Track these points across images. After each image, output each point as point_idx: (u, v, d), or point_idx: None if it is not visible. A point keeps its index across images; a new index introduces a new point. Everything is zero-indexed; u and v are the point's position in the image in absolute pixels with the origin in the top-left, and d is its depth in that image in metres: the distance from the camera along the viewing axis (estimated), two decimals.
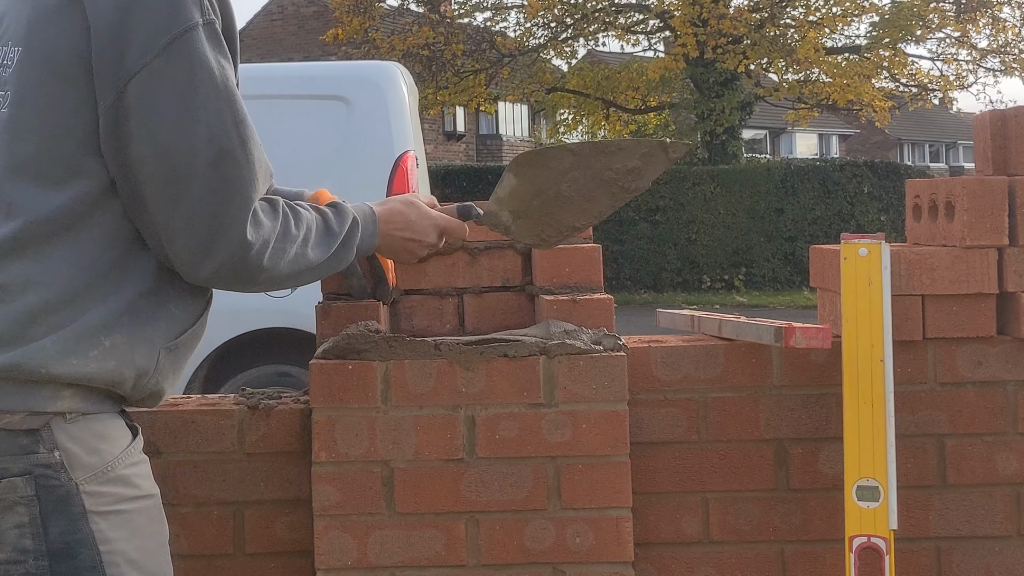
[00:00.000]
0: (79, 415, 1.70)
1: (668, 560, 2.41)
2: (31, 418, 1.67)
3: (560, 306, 2.31)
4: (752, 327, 2.36)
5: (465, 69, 23.11)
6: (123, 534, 1.72)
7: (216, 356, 6.21)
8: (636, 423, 2.36)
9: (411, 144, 6.61)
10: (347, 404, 2.24)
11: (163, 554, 1.82)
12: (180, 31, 1.67)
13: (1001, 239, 2.36)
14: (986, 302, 2.38)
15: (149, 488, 1.80)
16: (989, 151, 2.46)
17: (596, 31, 24.05)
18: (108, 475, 1.72)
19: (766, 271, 20.43)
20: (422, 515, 2.25)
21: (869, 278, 2.25)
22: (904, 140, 46.77)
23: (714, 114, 22.25)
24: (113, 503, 1.72)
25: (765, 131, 41.28)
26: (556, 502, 2.25)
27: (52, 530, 1.67)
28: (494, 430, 2.24)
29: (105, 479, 1.71)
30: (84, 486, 1.69)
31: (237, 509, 2.39)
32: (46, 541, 1.66)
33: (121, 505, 1.73)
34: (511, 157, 32.86)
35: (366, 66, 7.82)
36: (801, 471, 2.41)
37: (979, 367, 2.40)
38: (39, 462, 1.67)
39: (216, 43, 1.72)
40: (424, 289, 2.44)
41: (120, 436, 1.77)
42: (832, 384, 2.36)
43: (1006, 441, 2.41)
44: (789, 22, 22.73)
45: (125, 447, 1.76)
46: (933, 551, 2.41)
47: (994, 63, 24.13)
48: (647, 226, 20.23)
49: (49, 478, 1.67)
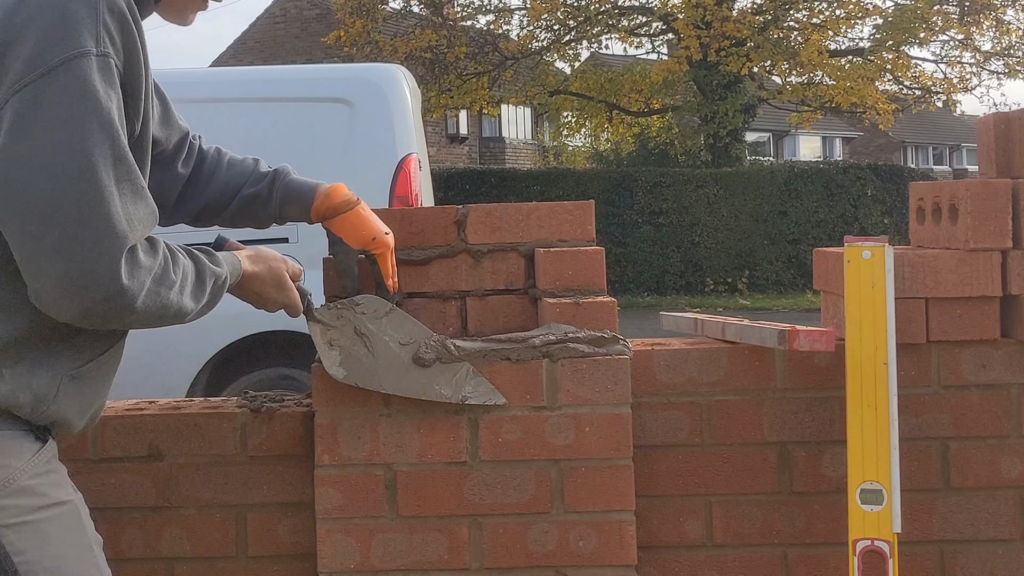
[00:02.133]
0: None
1: (671, 563, 2.41)
2: None
3: (563, 309, 2.31)
4: (755, 330, 2.36)
5: (468, 72, 23.11)
6: (35, 543, 1.70)
7: (218, 359, 6.22)
8: (639, 426, 2.36)
9: (414, 147, 6.60)
10: (350, 407, 2.24)
11: (86, 558, 1.79)
12: (71, 55, 1.61)
13: (1005, 242, 2.36)
14: (990, 305, 2.38)
15: (61, 495, 1.77)
16: (993, 154, 2.46)
17: (599, 34, 24.04)
18: (11, 488, 1.70)
19: (769, 274, 20.42)
20: (425, 518, 2.25)
21: (873, 281, 2.25)
22: (908, 143, 46.72)
23: (717, 117, 22.25)
24: (20, 515, 1.70)
25: (768, 134, 41.25)
26: (559, 505, 2.25)
27: None
28: (497, 433, 2.24)
29: (8, 492, 1.69)
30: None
31: (239, 512, 2.39)
32: None
33: (29, 516, 1.71)
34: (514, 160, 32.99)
35: (369, 68, 7.81)
36: (804, 474, 2.40)
37: (983, 370, 2.40)
38: None
39: (108, 77, 1.65)
40: (427, 292, 2.44)
41: (23, 448, 1.73)
42: (836, 387, 2.36)
43: (1010, 444, 2.40)
44: (792, 25, 22.73)
45: (28, 458, 1.73)
46: (937, 554, 2.41)
47: (998, 65, 24.15)
48: (650, 229, 20.22)
49: None
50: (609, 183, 20.54)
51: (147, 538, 2.39)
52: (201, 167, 2.19)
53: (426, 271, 2.43)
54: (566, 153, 33.30)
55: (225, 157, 2.22)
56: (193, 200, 2.18)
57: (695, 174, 20.93)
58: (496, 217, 2.42)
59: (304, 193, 2.19)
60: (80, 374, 1.78)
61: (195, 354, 6.11)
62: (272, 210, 2.19)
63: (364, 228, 2.21)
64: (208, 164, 2.19)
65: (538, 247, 2.41)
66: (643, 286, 19.99)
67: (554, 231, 2.41)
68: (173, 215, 2.19)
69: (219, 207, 2.19)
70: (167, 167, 2.13)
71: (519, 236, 2.42)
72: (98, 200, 1.61)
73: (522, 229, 2.42)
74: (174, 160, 2.15)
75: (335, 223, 2.21)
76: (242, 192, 2.18)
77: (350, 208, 2.18)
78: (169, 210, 2.17)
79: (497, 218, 2.42)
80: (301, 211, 2.19)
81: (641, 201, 20.28)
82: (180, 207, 2.19)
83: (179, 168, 2.15)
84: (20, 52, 1.62)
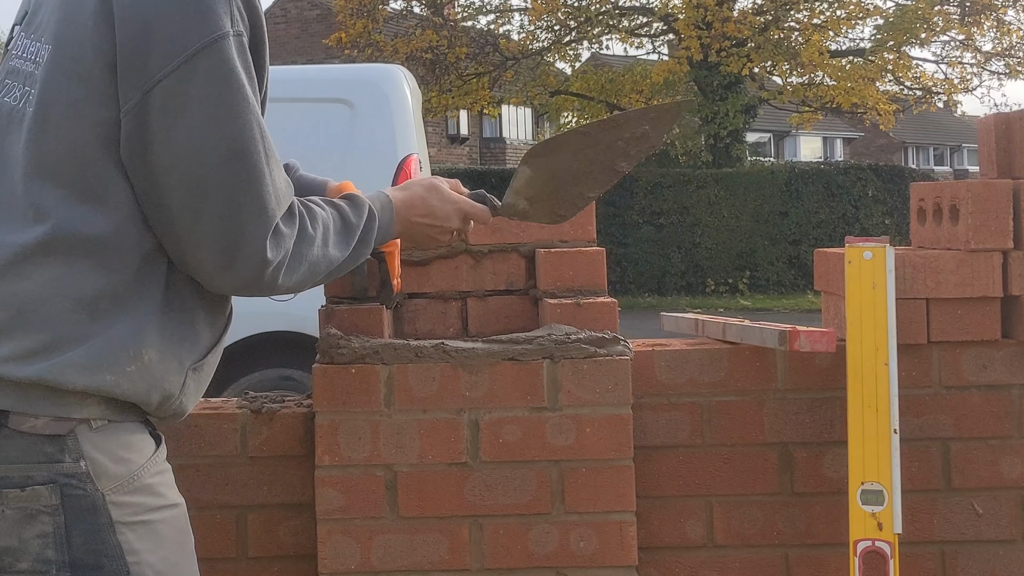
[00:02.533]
0: (105, 422, 1.66)
1: (672, 564, 2.40)
2: (55, 423, 1.63)
3: (564, 310, 2.30)
4: (756, 331, 2.35)
5: (468, 72, 23.12)
6: (150, 545, 1.68)
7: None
8: (640, 427, 2.35)
9: (414, 147, 6.61)
10: (350, 408, 2.24)
11: (189, 564, 1.78)
12: (210, 39, 1.63)
13: (1006, 242, 2.35)
14: (991, 306, 2.38)
15: (174, 497, 1.77)
16: (994, 154, 2.46)
17: (600, 34, 24.06)
18: (134, 485, 1.68)
19: (770, 274, 20.42)
20: (426, 519, 2.25)
21: (873, 281, 2.25)
22: (908, 143, 46.73)
23: (718, 117, 22.25)
24: (139, 513, 1.68)
25: (769, 134, 41.26)
26: (560, 506, 2.25)
27: (75, 540, 1.63)
28: (498, 434, 2.24)
29: (131, 489, 1.67)
30: (110, 496, 1.65)
31: (240, 513, 2.39)
32: (69, 552, 1.62)
33: (147, 515, 1.69)
34: (515, 160, 32.95)
35: (369, 69, 7.82)
36: (805, 475, 2.40)
37: (984, 371, 2.40)
38: (64, 471, 1.62)
39: (244, 56, 1.67)
40: (428, 292, 2.44)
41: (145, 445, 1.73)
42: (836, 388, 2.35)
43: (1011, 445, 2.40)
44: (793, 25, 22.73)
45: (150, 456, 1.72)
46: (938, 555, 2.41)
47: (999, 66, 24.15)
48: (651, 229, 20.23)
49: (74, 487, 1.62)
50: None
51: None
52: None
53: (427, 271, 2.43)
54: None
55: None
56: None
57: (696, 175, 20.93)
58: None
59: (315, 188, 2.18)
60: (201, 366, 1.78)
61: None
62: None
63: None
64: None
65: (539, 247, 2.41)
66: (644, 287, 19.99)
67: (555, 231, 2.41)
68: None
69: None
70: None
71: (520, 237, 2.42)
72: (252, 180, 1.65)
73: (523, 230, 2.42)
74: None
75: None
76: None
77: None
78: None
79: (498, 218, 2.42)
80: None
81: (642, 201, 20.29)
82: None
83: None
84: (160, 34, 1.62)
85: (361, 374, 2.23)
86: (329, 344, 2.25)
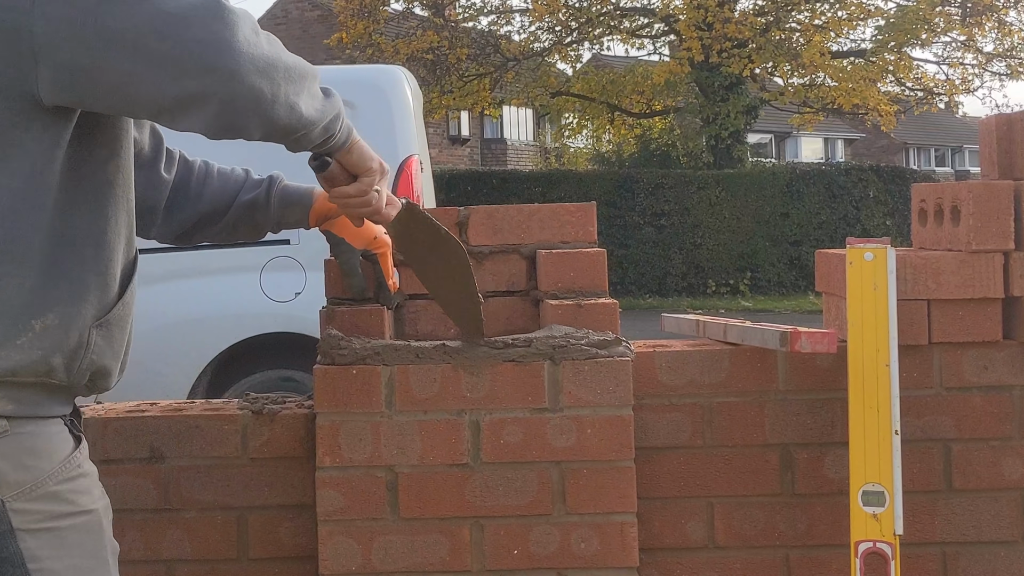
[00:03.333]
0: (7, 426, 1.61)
1: (673, 565, 2.40)
2: None
3: (565, 311, 2.31)
4: (757, 331, 2.35)
5: (469, 73, 23.12)
6: (54, 552, 1.65)
7: (220, 361, 6.21)
8: (641, 428, 2.35)
9: (415, 148, 6.60)
10: (351, 409, 2.24)
11: (102, 570, 1.74)
12: None
13: (1007, 243, 2.35)
14: (992, 306, 2.38)
15: (86, 503, 1.72)
16: (995, 155, 2.46)
17: (601, 35, 24.05)
18: (38, 492, 1.64)
19: (771, 275, 20.42)
20: (427, 520, 2.25)
21: (875, 282, 2.25)
22: (910, 144, 46.72)
23: (719, 118, 22.26)
24: (43, 520, 1.65)
25: (770, 135, 41.25)
26: (561, 507, 2.24)
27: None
28: (499, 435, 2.24)
29: (34, 496, 1.64)
30: (11, 503, 1.61)
31: (241, 514, 2.39)
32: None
33: (53, 522, 1.66)
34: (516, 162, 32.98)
35: (370, 70, 7.81)
36: (806, 476, 2.40)
37: (985, 372, 2.40)
38: None
39: None
40: (429, 294, 2.43)
41: (55, 449, 1.68)
42: (837, 389, 2.35)
43: (1012, 446, 2.40)
44: (794, 26, 22.73)
45: (60, 461, 1.68)
46: (939, 556, 2.41)
47: (1000, 67, 24.15)
48: (652, 230, 20.23)
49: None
50: (611, 185, 20.55)
51: (148, 540, 2.38)
52: (189, 175, 2.15)
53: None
54: (568, 155, 33.30)
55: (214, 167, 2.19)
56: (187, 208, 2.14)
57: (697, 176, 20.93)
58: (498, 219, 2.42)
59: (302, 196, 2.18)
60: (106, 322, 1.72)
61: (197, 356, 6.10)
62: (271, 215, 2.18)
63: (366, 228, 2.20)
64: (197, 173, 2.16)
65: (540, 249, 2.41)
66: (645, 288, 20.00)
67: (556, 233, 2.41)
68: (167, 223, 2.15)
69: (217, 215, 2.16)
70: (149, 168, 2.08)
71: (521, 238, 2.42)
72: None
73: (524, 231, 2.42)
74: (155, 163, 2.09)
75: (336, 224, 2.20)
76: (240, 198, 2.16)
77: None
78: (160, 217, 2.13)
79: (499, 220, 2.42)
80: (300, 214, 2.18)
81: (643, 203, 20.29)
82: (173, 215, 2.13)
83: (162, 172, 2.10)
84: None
85: (362, 375, 2.23)
86: (330, 345, 2.25)
